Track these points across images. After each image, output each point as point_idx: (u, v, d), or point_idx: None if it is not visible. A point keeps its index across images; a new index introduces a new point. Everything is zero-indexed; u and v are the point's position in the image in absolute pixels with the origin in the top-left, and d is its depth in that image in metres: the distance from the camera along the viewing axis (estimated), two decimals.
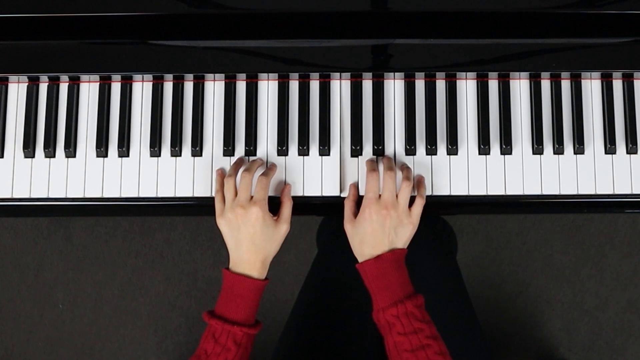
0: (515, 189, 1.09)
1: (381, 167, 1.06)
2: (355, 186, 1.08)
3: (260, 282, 1.01)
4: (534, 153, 1.09)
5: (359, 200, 1.06)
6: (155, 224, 1.93)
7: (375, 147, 1.09)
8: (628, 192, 1.09)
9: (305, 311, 1.24)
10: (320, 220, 1.47)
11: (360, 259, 1.02)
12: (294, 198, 1.07)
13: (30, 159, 1.11)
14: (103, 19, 1.07)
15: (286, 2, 1.06)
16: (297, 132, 1.10)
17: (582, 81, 1.10)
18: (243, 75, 1.10)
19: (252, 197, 1.02)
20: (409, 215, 1.02)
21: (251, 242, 1.00)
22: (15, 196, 1.10)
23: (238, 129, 1.10)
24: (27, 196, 1.10)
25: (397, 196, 1.02)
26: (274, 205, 1.05)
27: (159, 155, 1.10)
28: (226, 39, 1.09)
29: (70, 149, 1.10)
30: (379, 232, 1.00)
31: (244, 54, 1.09)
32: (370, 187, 1.02)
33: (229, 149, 1.10)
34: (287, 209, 1.05)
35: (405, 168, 1.07)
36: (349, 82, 1.11)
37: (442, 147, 1.09)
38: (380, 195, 1.02)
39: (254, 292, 1.00)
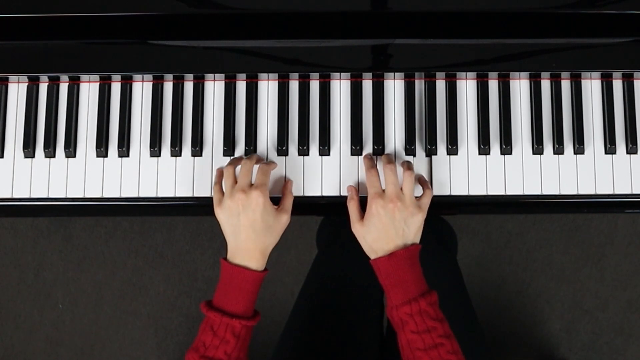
0: (515, 189, 1.09)
1: (380, 163, 1.06)
2: (353, 187, 1.07)
3: (260, 274, 0.99)
4: (534, 153, 1.09)
5: (361, 202, 1.05)
6: (155, 224, 1.93)
7: (375, 147, 1.09)
8: (628, 192, 1.08)
9: (306, 311, 1.24)
10: (320, 220, 1.47)
11: (373, 256, 1.01)
12: (294, 198, 1.07)
13: (30, 159, 1.11)
14: (103, 19, 1.07)
15: (286, 2, 1.06)
16: (297, 132, 1.10)
17: (582, 81, 1.10)
18: (243, 75, 1.10)
19: (252, 184, 1.01)
20: (417, 205, 1.01)
21: (251, 229, 0.98)
22: (15, 196, 1.10)
23: (238, 129, 1.10)
24: (27, 196, 1.10)
25: (401, 189, 1.01)
26: (275, 202, 1.04)
27: (159, 155, 1.10)
28: (226, 39, 1.08)
29: (70, 149, 1.10)
30: (390, 227, 0.98)
31: (244, 54, 1.09)
32: (371, 183, 1.02)
33: (229, 149, 1.10)
34: (288, 200, 1.04)
35: (405, 162, 1.06)
36: (349, 82, 1.11)
37: (442, 147, 1.09)
38: (383, 190, 1.01)
39: (253, 283, 0.98)
